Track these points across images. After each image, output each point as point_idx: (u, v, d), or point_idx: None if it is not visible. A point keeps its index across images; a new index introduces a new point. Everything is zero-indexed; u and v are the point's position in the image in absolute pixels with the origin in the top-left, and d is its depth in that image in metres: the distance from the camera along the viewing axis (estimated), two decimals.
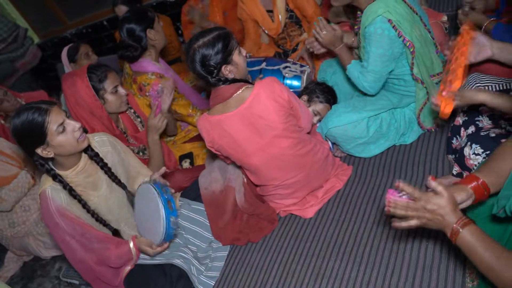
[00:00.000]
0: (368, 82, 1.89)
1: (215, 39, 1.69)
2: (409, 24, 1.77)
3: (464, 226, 1.06)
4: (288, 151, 1.85)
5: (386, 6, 1.75)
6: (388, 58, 1.82)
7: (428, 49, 1.86)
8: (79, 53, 2.99)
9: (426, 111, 2.01)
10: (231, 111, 1.76)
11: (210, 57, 1.69)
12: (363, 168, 2.11)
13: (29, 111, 1.60)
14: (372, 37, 1.78)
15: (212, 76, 1.73)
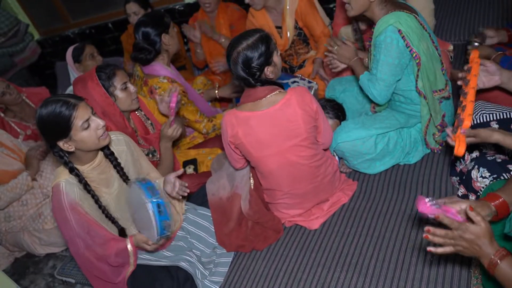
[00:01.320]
0: (376, 90, 1.98)
1: (258, 41, 1.77)
2: (418, 37, 1.87)
3: (502, 258, 1.12)
4: (304, 161, 1.92)
5: (397, 18, 1.86)
6: (396, 67, 1.91)
7: (433, 64, 1.96)
8: (84, 53, 3.00)
9: (431, 130, 2.10)
10: (261, 110, 1.83)
11: (254, 59, 1.76)
12: (367, 184, 2.18)
13: (57, 104, 1.62)
14: (382, 45, 1.88)
15: (254, 78, 1.80)
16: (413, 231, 1.85)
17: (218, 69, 3.30)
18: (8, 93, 2.99)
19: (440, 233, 1.18)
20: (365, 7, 1.93)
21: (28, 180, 2.66)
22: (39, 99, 3.28)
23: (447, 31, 2.89)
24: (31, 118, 3.20)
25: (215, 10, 3.21)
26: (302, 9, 2.77)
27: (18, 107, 3.13)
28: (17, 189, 2.61)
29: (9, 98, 3.01)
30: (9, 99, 3.01)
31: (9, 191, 2.58)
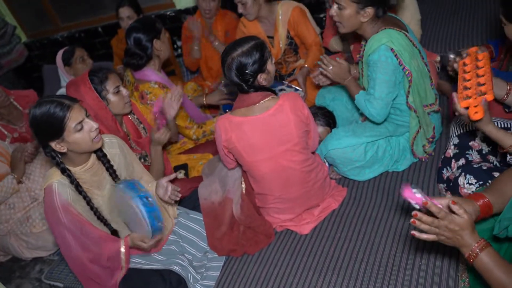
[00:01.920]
0: (375, 109, 2.02)
1: (253, 48, 1.81)
2: (409, 54, 1.93)
3: (483, 249, 1.18)
4: (296, 166, 1.96)
5: (389, 36, 1.91)
6: (393, 84, 1.96)
7: (423, 80, 2.03)
8: (75, 56, 3.00)
9: (418, 140, 2.16)
10: (255, 115, 1.87)
11: (248, 66, 1.80)
12: (357, 191, 2.23)
13: (52, 104, 1.63)
14: (378, 64, 1.93)
15: (247, 84, 1.84)
16: (402, 237, 1.90)
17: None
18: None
19: (427, 219, 1.22)
20: (356, 26, 1.98)
21: (14, 183, 2.63)
22: (27, 102, 3.25)
23: (433, 42, 2.98)
24: (18, 121, 3.17)
25: (213, 16, 3.24)
26: (294, 19, 2.82)
27: (6, 110, 3.09)
28: (2, 192, 2.58)
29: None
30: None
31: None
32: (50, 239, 2.65)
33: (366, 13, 1.90)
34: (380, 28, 1.95)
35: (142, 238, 1.83)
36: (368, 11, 1.89)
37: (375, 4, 1.89)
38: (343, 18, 1.95)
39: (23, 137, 3.14)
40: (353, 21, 1.95)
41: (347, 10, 1.91)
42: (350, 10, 1.91)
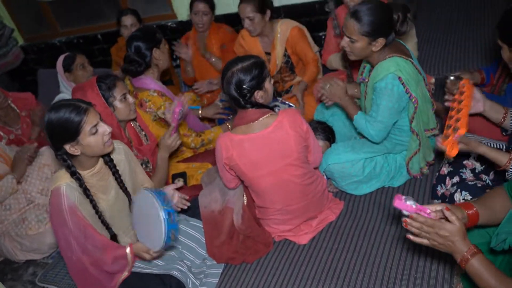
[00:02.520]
0: (375, 130, 2.10)
1: (253, 65, 1.88)
2: (415, 82, 2.02)
3: (474, 255, 1.25)
4: (296, 179, 2.02)
5: (397, 65, 1.99)
6: (395, 111, 2.05)
7: (426, 106, 2.12)
8: (75, 63, 3.03)
9: (415, 160, 2.25)
10: (255, 133, 1.92)
11: (246, 81, 1.87)
12: (354, 204, 2.30)
13: (69, 108, 1.68)
14: (383, 91, 2.00)
15: (245, 99, 1.90)
16: (398, 249, 1.98)
17: (199, 91, 3.38)
18: None
19: (416, 225, 1.32)
20: (367, 55, 2.06)
21: (14, 183, 2.63)
22: (24, 104, 3.27)
23: (428, 64, 3.12)
24: (15, 123, 3.18)
25: (207, 30, 3.32)
26: (293, 38, 2.92)
27: (3, 111, 3.11)
28: (1, 192, 2.58)
29: None
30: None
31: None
32: (45, 242, 2.65)
33: (378, 43, 1.98)
34: (387, 55, 2.03)
35: (147, 250, 1.85)
36: (379, 41, 1.97)
37: (386, 35, 1.97)
38: (355, 50, 2.03)
39: (19, 139, 3.15)
40: (364, 52, 2.03)
41: (359, 43, 1.99)
42: (362, 43, 1.99)
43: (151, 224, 1.79)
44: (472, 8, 3.99)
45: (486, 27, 3.55)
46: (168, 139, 2.20)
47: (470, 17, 3.83)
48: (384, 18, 1.97)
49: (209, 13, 3.21)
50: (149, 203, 1.77)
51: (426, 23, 3.70)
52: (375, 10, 1.95)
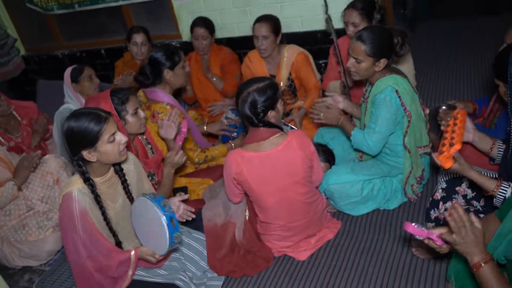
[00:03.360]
0: (373, 142, 2.24)
1: (268, 87, 2.01)
2: (410, 98, 2.20)
3: (487, 262, 1.36)
4: (300, 197, 2.13)
5: (395, 80, 2.18)
6: (393, 122, 2.21)
7: (420, 123, 2.28)
8: (83, 75, 3.10)
9: (410, 181, 2.38)
10: (265, 151, 2.03)
11: (261, 101, 1.99)
12: (351, 224, 2.41)
13: (89, 116, 1.76)
14: (382, 102, 2.17)
15: (258, 118, 2.01)
16: (393, 268, 2.08)
17: (213, 113, 3.46)
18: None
19: (456, 216, 1.37)
20: (370, 75, 2.24)
21: (15, 189, 2.67)
22: (26, 113, 3.33)
23: (424, 96, 3.31)
24: (15, 131, 3.23)
25: (208, 52, 3.45)
26: (298, 63, 3.07)
27: (5, 119, 3.16)
28: (3, 197, 2.61)
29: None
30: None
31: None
32: (44, 249, 2.67)
33: (381, 63, 2.17)
34: (386, 73, 2.22)
35: (153, 254, 1.91)
36: (382, 61, 2.17)
37: (388, 56, 2.16)
38: (360, 70, 2.21)
39: (19, 147, 3.20)
40: (368, 72, 2.21)
41: (364, 63, 2.17)
42: (367, 63, 2.17)
43: (153, 230, 1.85)
44: (464, 43, 4.28)
45: (478, 62, 3.83)
46: (175, 157, 2.27)
47: (462, 51, 4.10)
48: (386, 40, 2.17)
49: (209, 37, 3.35)
50: (149, 210, 1.83)
51: (420, 56, 3.93)
52: (378, 34, 2.16)
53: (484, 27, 4.65)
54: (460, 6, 5.59)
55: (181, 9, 3.89)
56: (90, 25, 4.56)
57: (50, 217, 2.77)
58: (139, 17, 4.24)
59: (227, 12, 3.65)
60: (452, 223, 1.39)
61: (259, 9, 3.50)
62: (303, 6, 3.46)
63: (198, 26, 3.32)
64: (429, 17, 5.34)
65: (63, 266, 2.64)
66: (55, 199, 2.82)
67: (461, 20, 5.07)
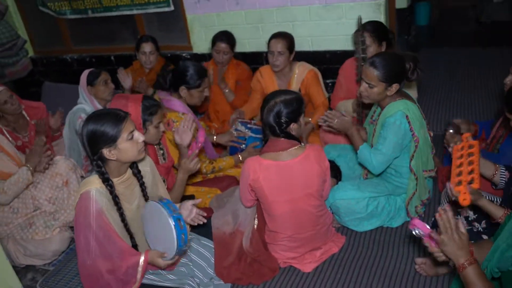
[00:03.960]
0: (377, 161, 2.32)
1: (294, 100, 2.10)
2: (419, 124, 2.30)
3: (471, 264, 1.46)
4: (311, 209, 2.20)
5: (406, 105, 2.27)
6: (399, 146, 2.29)
7: (427, 148, 2.38)
8: (99, 78, 3.17)
9: (413, 202, 2.47)
10: (283, 161, 2.11)
11: (286, 113, 2.07)
12: (355, 240, 2.48)
13: (109, 115, 1.84)
14: (392, 126, 2.26)
15: (280, 129, 2.09)
16: (396, 284, 2.15)
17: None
18: (10, 102, 3.10)
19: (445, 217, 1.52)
20: (381, 99, 2.33)
21: (29, 174, 2.68)
22: (35, 113, 3.39)
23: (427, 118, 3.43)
24: (23, 130, 3.29)
25: (226, 65, 3.55)
26: (308, 80, 3.18)
27: (14, 118, 3.22)
28: (19, 182, 2.64)
29: (10, 108, 3.11)
30: (9, 109, 3.11)
31: (13, 185, 2.61)
32: (50, 248, 2.69)
33: (393, 88, 2.26)
34: (397, 98, 2.31)
35: (162, 255, 1.94)
36: (394, 86, 2.25)
37: (400, 81, 2.26)
38: (372, 94, 2.29)
39: (26, 147, 3.25)
40: (380, 96, 2.30)
41: (377, 88, 2.26)
42: (380, 88, 2.26)
43: (162, 233, 1.89)
44: (464, 71, 4.45)
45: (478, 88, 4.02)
46: (190, 163, 2.32)
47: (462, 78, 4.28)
48: (398, 66, 2.26)
49: (230, 52, 3.46)
50: (157, 212, 1.88)
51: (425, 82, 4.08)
52: (390, 60, 2.25)
53: (484, 57, 4.85)
54: (461, 36, 5.82)
55: (194, 21, 4.00)
56: (101, 31, 4.65)
57: (56, 217, 2.80)
58: (151, 26, 4.33)
59: (240, 27, 3.75)
60: (441, 222, 1.52)
61: (272, 26, 3.61)
62: (314, 27, 3.58)
63: (221, 41, 3.41)
64: (431, 45, 5.54)
65: (67, 266, 2.67)
66: (63, 201, 2.85)
67: (461, 49, 5.27)
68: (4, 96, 3.06)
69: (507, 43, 5.13)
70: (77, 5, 4.45)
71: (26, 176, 2.67)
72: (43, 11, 4.69)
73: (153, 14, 4.25)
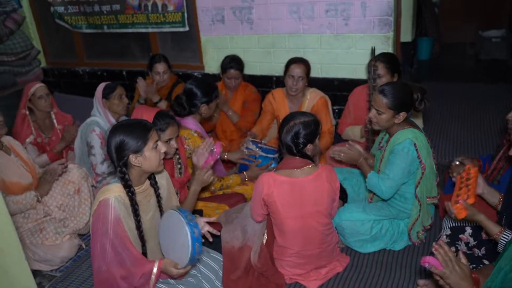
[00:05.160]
0: (386, 187, 2.42)
1: (312, 122, 2.22)
2: (426, 151, 2.41)
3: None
4: (320, 227, 2.29)
5: (414, 133, 2.39)
6: (406, 172, 2.40)
7: (432, 175, 2.49)
8: (115, 92, 3.26)
9: (416, 227, 2.57)
10: (297, 178, 2.21)
11: (304, 134, 2.19)
12: (358, 260, 2.56)
13: (138, 125, 1.95)
14: (400, 153, 2.37)
15: (297, 149, 2.20)
16: None
17: None
18: (44, 99, 3.29)
19: (442, 251, 1.59)
20: (389, 126, 2.45)
21: (34, 200, 2.76)
22: (63, 121, 3.53)
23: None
24: (46, 131, 3.44)
25: (235, 89, 3.68)
26: (318, 106, 3.30)
27: (43, 116, 3.38)
28: (21, 204, 2.69)
29: (43, 104, 3.30)
30: (42, 104, 3.30)
31: (14, 203, 2.66)
32: (59, 254, 2.73)
33: (400, 116, 2.39)
34: (406, 126, 2.43)
35: (175, 265, 2.00)
36: (401, 115, 2.38)
37: (407, 110, 2.39)
38: (381, 121, 2.42)
39: (44, 146, 3.38)
40: (388, 123, 2.42)
41: (385, 115, 2.38)
42: (388, 115, 2.38)
43: (177, 240, 1.95)
44: (464, 104, 4.63)
45: (478, 122, 4.20)
46: (204, 175, 2.40)
47: (462, 111, 4.46)
48: (406, 96, 2.39)
49: (240, 77, 3.60)
50: (174, 220, 1.94)
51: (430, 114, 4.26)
52: (399, 89, 2.38)
53: (482, 93, 5.06)
54: (460, 72, 6.04)
55: (207, 43, 4.14)
56: (115, 46, 4.79)
57: (66, 224, 2.85)
58: (165, 45, 4.48)
59: (252, 51, 3.91)
60: (439, 256, 1.60)
61: (283, 52, 3.77)
62: (324, 55, 3.74)
63: (233, 68, 3.54)
64: (431, 78, 5.74)
65: (75, 273, 2.71)
66: (73, 208, 2.92)
67: (460, 84, 5.47)
68: (41, 92, 3.26)
69: (504, 81, 5.34)
70: (93, 20, 4.60)
71: (30, 202, 2.74)
72: (59, 24, 4.83)
73: (168, 33, 4.40)
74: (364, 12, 3.44)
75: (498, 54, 6.27)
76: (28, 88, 3.30)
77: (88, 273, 2.67)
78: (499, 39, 6.28)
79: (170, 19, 4.20)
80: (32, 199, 2.74)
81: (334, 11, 3.54)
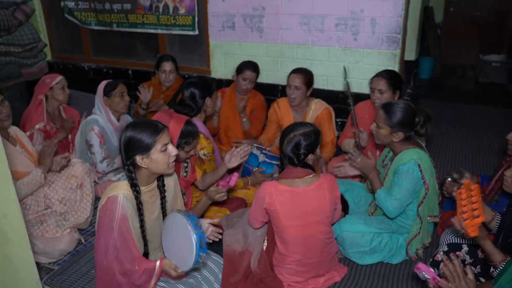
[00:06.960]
0: (392, 207, 2.46)
1: (312, 132, 2.26)
2: (430, 172, 2.46)
3: None
4: (321, 235, 2.32)
5: (418, 154, 2.43)
6: (412, 192, 2.44)
7: (434, 195, 2.54)
8: (116, 90, 3.29)
9: (414, 242, 2.61)
10: (298, 187, 2.25)
11: (304, 145, 2.22)
12: (356, 271, 2.59)
13: (147, 125, 1.95)
14: (405, 174, 2.41)
15: (298, 159, 2.24)
16: None
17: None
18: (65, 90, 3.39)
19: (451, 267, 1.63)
20: (389, 142, 2.50)
21: (42, 177, 2.75)
22: (70, 115, 3.58)
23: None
24: (55, 121, 3.48)
25: (247, 94, 3.72)
26: (322, 117, 3.36)
27: (55, 106, 3.44)
28: (31, 184, 2.70)
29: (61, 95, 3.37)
30: (60, 96, 3.37)
31: (25, 185, 2.67)
32: (58, 247, 2.73)
33: (398, 135, 2.43)
34: (410, 146, 2.47)
35: (175, 268, 2.00)
36: (399, 134, 2.43)
37: (405, 131, 2.43)
38: (379, 135, 2.48)
39: (49, 134, 3.39)
40: (387, 139, 2.47)
41: (383, 130, 2.44)
42: (385, 130, 2.44)
43: (181, 246, 1.96)
44: (463, 124, 4.74)
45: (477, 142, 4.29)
46: (216, 195, 2.38)
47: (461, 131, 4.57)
48: (406, 118, 2.42)
49: (254, 80, 3.65)
50: (182, 226, 1.94)
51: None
52: (400, 109, 2.42)
53: (480, 114, 5.16)
54: (460, 93, 6.15)
55: (216, 48, 4.19)
56: (122, 45, 4.82)
57: (67, 218, 2.86)
58: (173, 46, 4.52)
59: (260, 59, 3.95)
60: (447, 272, 1.64)
61: (291, 61, 3.83)
62: (330, 67, 3.80)
63: (251, 70, 3.59)
64: (430, 97, 5.83)
65: (73, 267, 2.71)
66: (75, 203, 2.93)
67: (459, 105, 5.57)
68: (62, 84, 3.34)
69: (503, 104, 5.45)
70: (103, 18, 4.63)
71: (39, 179, 2.74)
72: (67, 19, 4.86)
73: (176, 36, 4.44)
74: (373, 29, 3.51)
75: (497, 78, 6.39)
76: (50, 77, 3.34)
77: (86, 268, 2.67)
78: (498, 64, 6.41)
79: (180, 22, 4.24)
80: (40, 176, 2.73)
81: (344, 25, 3.60)
